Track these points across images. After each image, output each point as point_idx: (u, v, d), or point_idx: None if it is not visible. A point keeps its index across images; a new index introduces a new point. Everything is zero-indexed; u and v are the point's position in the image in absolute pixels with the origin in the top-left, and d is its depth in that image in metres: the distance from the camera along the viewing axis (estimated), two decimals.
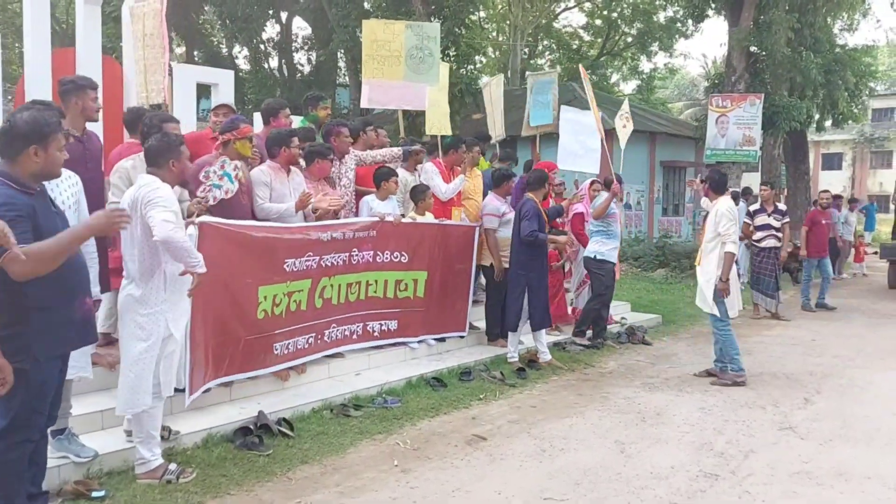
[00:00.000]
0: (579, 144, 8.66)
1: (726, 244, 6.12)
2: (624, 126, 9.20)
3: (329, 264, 5.55)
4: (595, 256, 7.48)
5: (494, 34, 31.01)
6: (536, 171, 6.93)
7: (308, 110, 6.58)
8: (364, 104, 7.79)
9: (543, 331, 6.77)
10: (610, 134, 9.93)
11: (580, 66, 10.08)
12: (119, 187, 4.25)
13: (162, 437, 4.06)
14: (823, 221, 10.79)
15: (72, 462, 3.74)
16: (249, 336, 4.91)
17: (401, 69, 7.34)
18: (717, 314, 6.27)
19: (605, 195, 7.62)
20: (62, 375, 3.24)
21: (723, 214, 6.17)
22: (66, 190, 3.58)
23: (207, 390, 4.73)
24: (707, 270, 6.28)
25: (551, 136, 9.25)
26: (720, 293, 6.17)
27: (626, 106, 9.56)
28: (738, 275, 7.08)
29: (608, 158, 8.68)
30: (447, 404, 5.44)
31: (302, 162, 5.66)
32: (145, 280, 3.70)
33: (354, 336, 6.01)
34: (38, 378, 2.97)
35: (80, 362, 3.61)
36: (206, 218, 4.50)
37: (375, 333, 6.20)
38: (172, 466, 3.84)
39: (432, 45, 7.53)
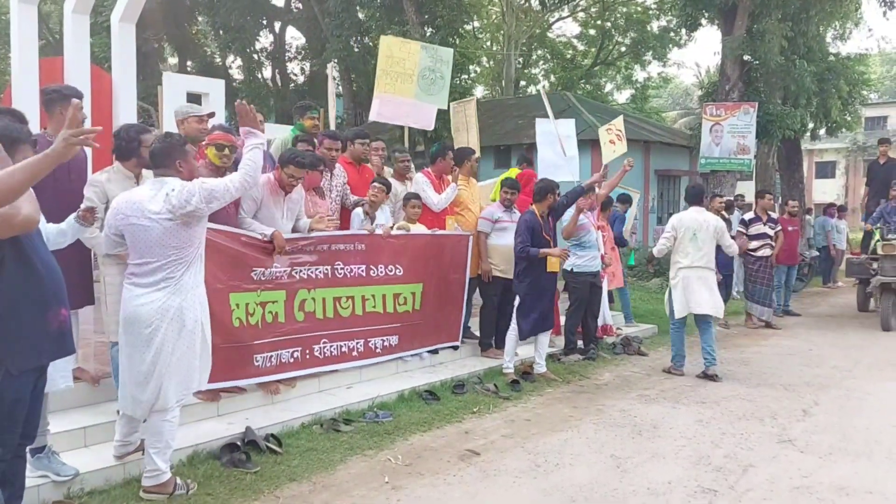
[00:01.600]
0: (557, 155, 8.73)
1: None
2: (612, 142, 9.14)
3: (305, 276, 5.43)
4: (571, 269, 7.31)
5: (488, 44, 31.07)
6: (540, 182, 6.86)
7: (296, 119, 6.52)
8: (372, 117, 7.84)
9: (547, 340, 6.69)
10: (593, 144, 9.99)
11: (541, 88, 10.18)
12: (92, 201, 4.06)
13: (138, 449, 3.99)
14: (790, 229, 10.94)
15: (51, 481, 3.62)
16: (225, 344, 4.77)
17: (412, 87, 7.50)
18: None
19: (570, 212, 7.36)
20: (38, 391, 3.12)
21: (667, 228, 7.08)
22: None
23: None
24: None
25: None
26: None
27: (619, 122, 9.45)
28: (728, 284, 7.30)
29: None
30: (440, 418, 5.34)
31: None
32: (180, 270, 3.68)
33: (355, 353, 5.88)
34: (11, 393, 2.84)
35: (59, 373, 3.50)
36: None
37: (378, 350, 6.07)
38: (179, 481, 3.75)
39: (444, 68, 7.72)
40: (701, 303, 6.80)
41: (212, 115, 5.52)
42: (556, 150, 8.32)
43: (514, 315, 6.53)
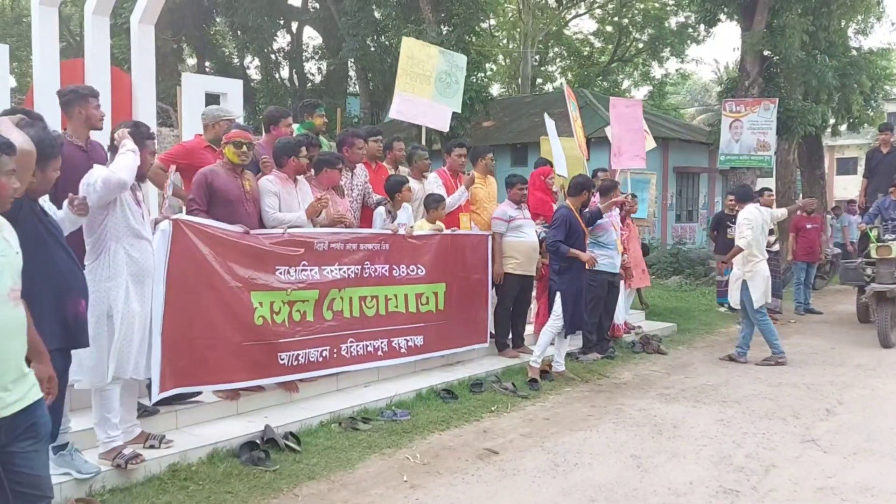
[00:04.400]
0: (557, 151, 8.71)
1: (738, 241, 7.35)
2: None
3: (337, 276, 5.43)
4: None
5: (505, 41, 30.99)
6: (577, 177, 6.84)
7: (304, 118, 6.52)
8: (392, 115, 8.00)
9: (567, 340, 6.66)
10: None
11: (564, 84, 10.14)
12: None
13: (152, 446, 4.06)
14: (809, 226, 10.87)
15: (73, 479, 3.65)
16: (247, 342, 4.79)
17: (430, 89, 7.79)
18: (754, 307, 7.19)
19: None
20: (61, 383, 3.14)
21: (740, 222, 7.39)
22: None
23: (194, 394, 4.65)
24: (734, 269, 7.37)
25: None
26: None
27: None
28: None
29: None
30: (458, 417, 5.32)
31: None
32: (91, 258, 3.79)
33: (380, 353, 5.85)
34: None
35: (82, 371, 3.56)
36: (180, 215, 4.46)
37: (402, 350, 6.03)
38: (127, 451, 3.84)
39: (459, 74, 8.07)
40: (770, 293, 7.43)
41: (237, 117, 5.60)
42: (557, 146, 8.32)
43: (554, 310, 6.49)
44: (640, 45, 29.82)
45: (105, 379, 3.79)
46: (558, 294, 6.46)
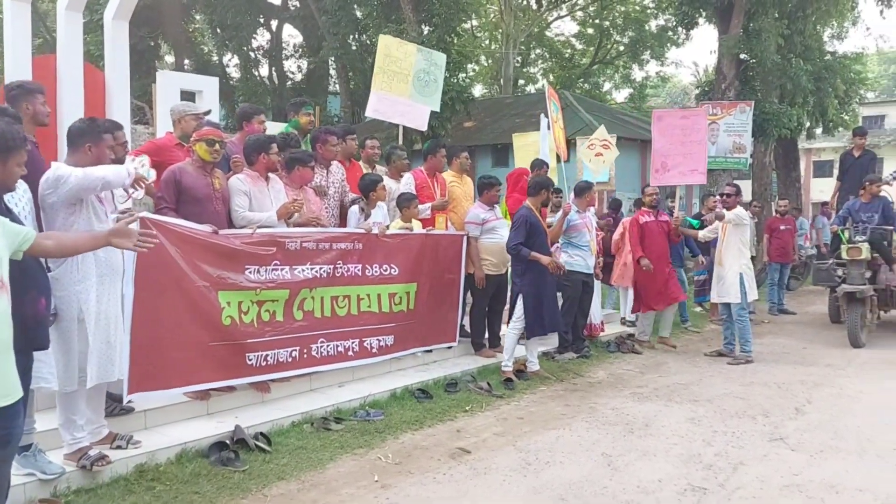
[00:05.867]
0: (544, 154, 8.75)
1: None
2: (599, 154, 8.85)
3: (309, 276, 5.38)
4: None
5: (487, 42, 31.03)
6: (536, 177, 6.85)
7: (290, 116, 6.49)
8: (369, 114, 7.91)
9: (536, 340, 6.67)
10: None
11: (547, 85, 9.99)
12: None
13: (119, 447, 4.02)
14: (783, 227, 11.10)
15: (38, 480, 3.60)
16: (214, 342, 4.73)
17: (408, 87, 7.70)
18: (741, 302, 7.47)
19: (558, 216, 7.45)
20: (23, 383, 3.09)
21: (730, 218, 7.56)
22: (21, 198, 3.48)
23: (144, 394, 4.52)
24: (730, 265, 7.49)
25: None
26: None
27: (601, 132, 9.05)
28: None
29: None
30: (432, 416, 5.32)
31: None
32: (58, 261, 3.69)
33: (350, 353, 5.80)
34: None
35: (43, 372, 3.49)
36: (146, 213, 4.38)
37: (374, 350, 6.00)
38: (93, 452, 3.80)
39: (437, 72, 7.98)
40: (755, 290, 7.73)
41: (208, 112, 5.52)
42: (545, 147, 8.35)
43: (515, 312, 6.50)
44: (621, 48, 30.01)
45: (75, 383, 3.73)
46: (520, 296, 6.47)
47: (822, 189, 37.90)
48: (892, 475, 4.25)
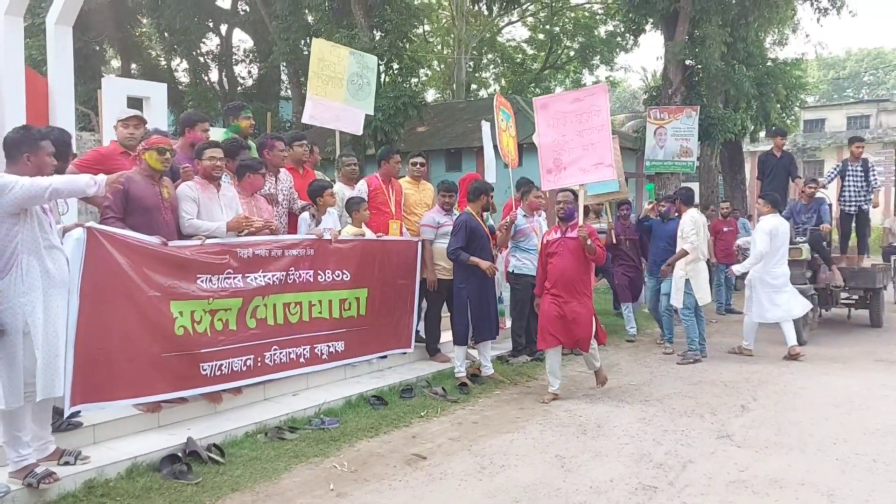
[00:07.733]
0: (490, 158, 8.83)
1: (684, 244, 7.67)
2: None
3: (262, 283, 5.34)
4: (512, 271, 7.54)
5: (439, 47, 31.14)
6: (475, 182, 6.90)
7: (229, 121, 6.38)
8: (305, 120, 7.81)
9: (489, 344, 6.73)
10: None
11: (496, 94, 10.06)
12: None
13: (67, 462, 3.94)
14: (725, 229, 11.45)
15: None
16: (166, 353, 4.66)
17: (342, 92, 7.64)
18: (683, 305, 7.69)
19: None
20: None
21: (685, 223, 7.72)
22: None
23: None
24: (676, 270, 7.73)
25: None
26: (662, 275, 8.03)
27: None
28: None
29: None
30: (387, 423, 5.33)
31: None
32: (2, 274, 3.60)
33: (302, 360, 5.77)
34: None
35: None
36: (93, 224, 4.30)
37: (324, 356, 5.97)
38: (40, 470, 3.71)
39: (370, 75, 7.97)
40: (707, 295, 7.90)
41: (137, 118, 5.38)
42: (491, 151, 8.42)
43: (454, 319, 6.54)
44: (572, 53, 30.41)
45: (20, 399, 3.64)
46: (467, 301, 6.48)
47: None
48: (831, 468, 4.43)
